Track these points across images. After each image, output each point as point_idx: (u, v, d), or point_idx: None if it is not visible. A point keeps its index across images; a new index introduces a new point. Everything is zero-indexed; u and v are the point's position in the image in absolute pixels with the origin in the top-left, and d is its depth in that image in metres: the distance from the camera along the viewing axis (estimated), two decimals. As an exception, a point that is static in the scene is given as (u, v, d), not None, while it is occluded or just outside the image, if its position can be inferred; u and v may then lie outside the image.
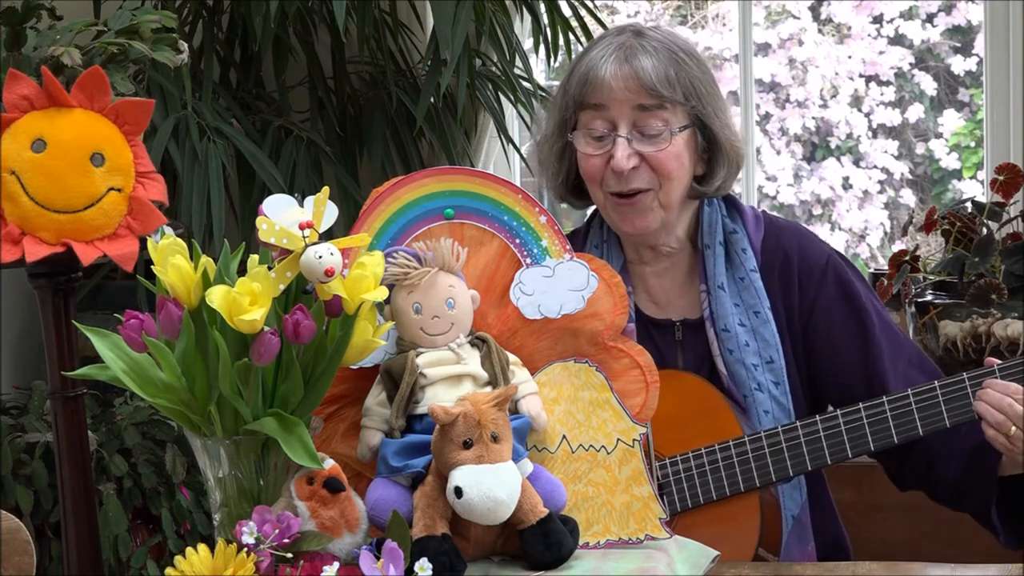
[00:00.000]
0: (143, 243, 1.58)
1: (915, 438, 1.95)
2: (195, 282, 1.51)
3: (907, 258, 2.49)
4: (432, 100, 2.88)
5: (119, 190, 1.59)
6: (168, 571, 1.46)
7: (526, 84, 3.12)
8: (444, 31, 2.72)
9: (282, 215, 1.54)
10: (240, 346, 1.49)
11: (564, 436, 1.69)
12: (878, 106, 4.62)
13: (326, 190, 1.56)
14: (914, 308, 2.45)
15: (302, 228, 1.51)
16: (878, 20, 4.59)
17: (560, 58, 3.09)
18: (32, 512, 2.56)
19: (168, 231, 1.59)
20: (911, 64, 4.62)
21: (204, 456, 1.56)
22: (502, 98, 3.13)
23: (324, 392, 1.56)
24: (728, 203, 2.12)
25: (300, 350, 1.52)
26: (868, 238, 4.69)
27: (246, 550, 1.45)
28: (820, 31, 4.66)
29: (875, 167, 4.66)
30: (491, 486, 1.53)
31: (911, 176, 4.67)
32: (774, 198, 4.69)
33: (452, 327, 1.65)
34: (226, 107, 2.92)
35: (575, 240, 2.09)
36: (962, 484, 2.02)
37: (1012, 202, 2.47)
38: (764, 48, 4.62)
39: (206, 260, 1.52)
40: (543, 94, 3.15)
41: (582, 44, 3.03)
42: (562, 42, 3.05)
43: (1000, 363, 1.92)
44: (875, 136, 4.66)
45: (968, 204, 2.52)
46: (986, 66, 3.37)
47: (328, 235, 1.55)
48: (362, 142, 3.08)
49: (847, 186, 4.68)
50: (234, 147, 2.79)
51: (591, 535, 1.66)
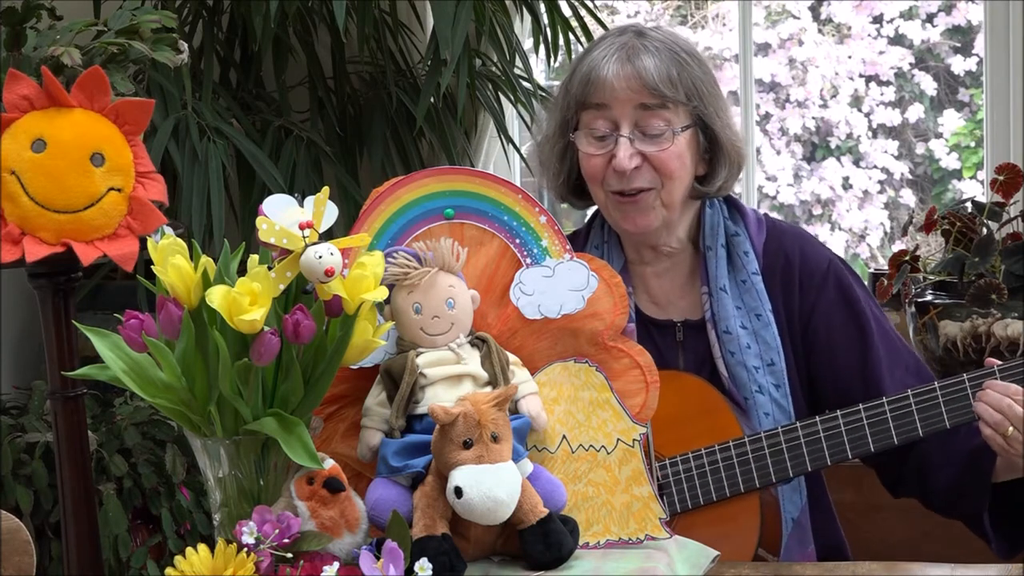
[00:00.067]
0: (143, 243, 1.58)
1: (915, 439, 1.95)
2: (195, 282, 1.50)
3: (907, 258, 2.48)
4: (432, 100, 2.88)
5: (119, 190, 1.59)
6: (168, 571, 1.46)
7: (526, 84, 3.12)
8: (444, 31, 2.72)
9: (282, 215, 1.54)
10: (240, 346, 1.49)
11: (564, 436, 1.69)
12: (878, 106, 4.62)
13: (326, 190, 1.56)
14: (914, 308, 2.45)
15: (302, 228, 1.51)
16: (878, 20, 4.59)
17: (560, 58, 3.09)
18: (32, 512, 2.56)
19: (168, 231, 1.59)
20: (911, 64, 4.61)
21: (204, 456, 1.56)
22: (502, 98, 3.13)
23: (324, 392, 1.56)
24: (730, 205, 2.12)
25: (300, 350, 1.52)
26: (868, 238, 4.68)
27: (246, 550, 1.45)
28: (820, 31, 4.65)
29: (875, 167, 4.66)
30: (491, 486, 1.53)
31: (911, 176, 4.67)
32: (774, 198, 4.69)
33: (452, 327, 1.65)
34: (226, 107, 2.92)
35: (576, 241, 2.10)
36: (956, 489, 2.02)
37: (1012, 202, 2.46)
38: (764, 48, 4.61)
39: (206, 260, 1.51)
40: (543, 94, 3.14)
41: (582, 44, 3.03)
42: (562, 42, 3.05)
43: (1000, 364, 1.93)
44: (875, 136, 4.65)
45: (968, 204, 2.51)
46: (986, 66, 3.36)
47: (328, 235, 1.55)
48: (362, 142, 3.08)
49: (847, 186, 4.67)
50: (234, 147, 2.79)
51: (591, 535, 1.66)
